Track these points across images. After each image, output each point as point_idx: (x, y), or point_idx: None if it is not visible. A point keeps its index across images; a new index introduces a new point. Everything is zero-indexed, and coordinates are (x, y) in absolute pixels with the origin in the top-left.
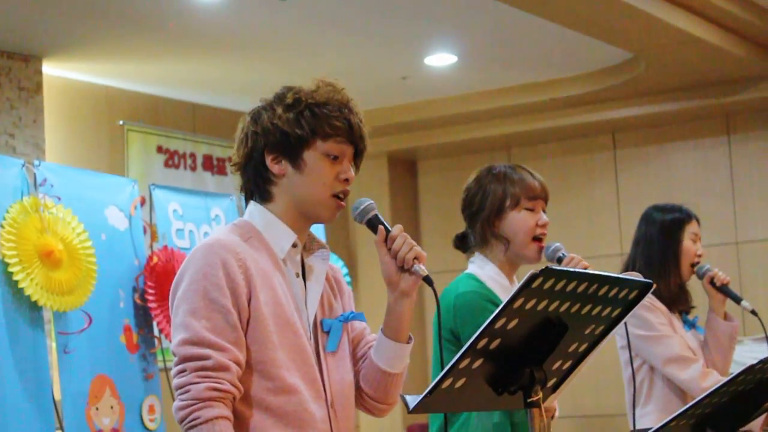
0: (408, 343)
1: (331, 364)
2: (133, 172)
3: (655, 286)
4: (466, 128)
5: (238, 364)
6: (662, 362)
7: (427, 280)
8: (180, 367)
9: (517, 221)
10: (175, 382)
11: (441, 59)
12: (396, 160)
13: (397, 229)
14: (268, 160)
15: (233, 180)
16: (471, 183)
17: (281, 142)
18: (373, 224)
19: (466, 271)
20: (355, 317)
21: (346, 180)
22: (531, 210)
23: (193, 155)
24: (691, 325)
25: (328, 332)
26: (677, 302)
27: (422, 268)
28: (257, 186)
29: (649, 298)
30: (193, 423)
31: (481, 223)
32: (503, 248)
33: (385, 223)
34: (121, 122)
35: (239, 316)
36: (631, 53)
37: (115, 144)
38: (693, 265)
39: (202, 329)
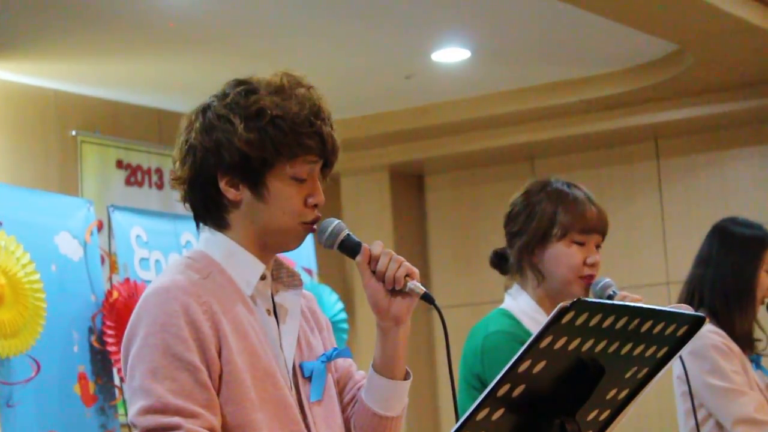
0: (405, 380)
1: (318, 416)
2: (89, 191)
3: (708, 320)
4: (481, 136)
5: (212, 431)
6: (732, 422)
7: (427, 297)
8: None
9: (561, 256)
10: None
11: (451, 54)
12: (399, 174)
13: (378, 247)
14: (222, 182)
15: None
16: (518, 197)
17: (239, 165)
18: (347, 247)
19: (501, 306)
20: (339, 354)
21: (316, 205)
22: (581, 244)
23: (159, 171)
24: (756, 364)
25: (309, 378)
26: (750, 342)
27: (418, 285)
28: (209, 211)
29: (723, 339)
30: None
31: (519, 248)
32: (536, 282)
33: (361, 242)
34: (73, 132)
35: (209, 372)
36: (676, 45)
37: (67, 158)
38: (762, 300)
39: (167, 393)
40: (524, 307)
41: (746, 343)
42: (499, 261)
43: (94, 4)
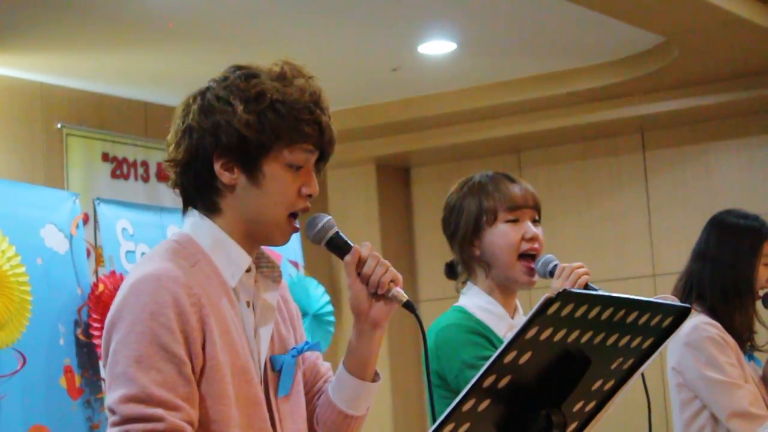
0: (374, 381)
1: (285, 411)
2: (74, 184)
3: (693, 310)
4: (467, 128)
5: (192, 425)
6: (727, 415)
7: (408, 305)
8: (122, 428)
9: (497, 238)
10: None
11: (437, 47)
12: (386, 166)
13: (366, 249)
14: (217, 165)
15: None
16: (448, 198)
17: (236, 147)
18: (336, 244)
19: (455, 304)
20: (310, 348)
21: (309, 195)
22: (515, 221)
23: (145, 163)
24: (749, 356)
25: (278, 371)
26: (748, 336)
27: (401, 293)
28: (200, 194)
29: (719, 331)
30: None
31: (459, 247)
32: (484, 273)
33: (350, 241)
34: (59, 125)
35: (192, 365)
36: (662, 37)
37: (53, 151)
38: (760, 293)
39: (151, 383)
40: (476, 301)
41: (745, 337)
42: (452, 270)
43: None
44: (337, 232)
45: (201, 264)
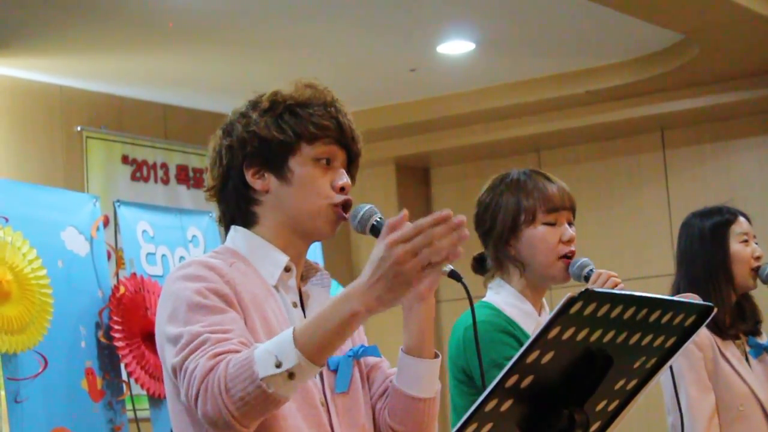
0: (435, 358)
1: (342, 406)
2: (95, 186)
3: (716, 310)
4: (486, 128)
5: (246, 346)
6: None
7: (453, 275)
8: (183, 368)
9: (536, 240)
10: (184, 393)
11: (456, 47)
12: (405, 167)
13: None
14: (248, 175)
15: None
16: (483, 194)
17: (261, 152)
18: (378, 230)
19: (482, 299)
20: (365, 352)
21: (343, 189)
22: (552, 224)
23: (164, 166)
24: (760, 349)
25: (335, 371)
26: (737, 325)
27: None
28: (239, 209)
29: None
30: (223, 398)
31: (494, 244)
32: (518, 273)
33: None
34: (79, 128)
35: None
36: (682, 35)
37: (73, 154)
38: (754, 270)
39: (199, 328)
40: (507, 298)
41: (735, 326)
42: (480, 265)
43: (99, 1)
44: (379, 219)
45: (238, 264)
